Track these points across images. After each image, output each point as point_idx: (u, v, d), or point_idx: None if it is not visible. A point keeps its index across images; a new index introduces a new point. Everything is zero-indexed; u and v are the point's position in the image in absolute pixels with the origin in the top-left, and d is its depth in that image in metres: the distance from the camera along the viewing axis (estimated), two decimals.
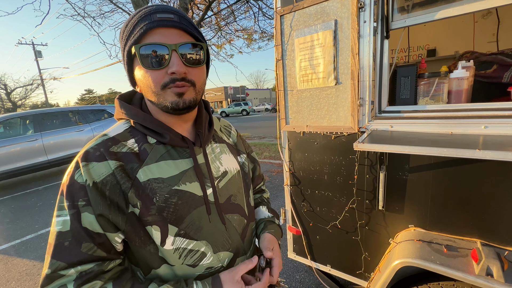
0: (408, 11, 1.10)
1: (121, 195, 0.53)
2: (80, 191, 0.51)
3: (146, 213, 0.54)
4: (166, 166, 0.58)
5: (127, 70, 0.59)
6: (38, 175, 6.25)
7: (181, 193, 0.58)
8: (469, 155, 0.78)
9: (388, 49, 1.11)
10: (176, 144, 0.60)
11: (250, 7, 7.02)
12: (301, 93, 1.38)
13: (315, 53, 1.26)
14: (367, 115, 1.17)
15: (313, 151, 1.41)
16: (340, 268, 1.46)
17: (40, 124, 5.54)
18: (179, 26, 0.54)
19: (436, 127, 1.04)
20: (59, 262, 0.49)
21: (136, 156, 0.56)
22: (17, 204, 4.36)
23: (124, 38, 0.55)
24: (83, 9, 5.96)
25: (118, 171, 0.53)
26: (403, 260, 0.99)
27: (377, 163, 1.19)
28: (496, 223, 0.96)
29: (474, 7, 0.92)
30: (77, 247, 0.50)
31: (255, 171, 0.91)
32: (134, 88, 0.63)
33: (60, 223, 0.50)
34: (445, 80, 1.09)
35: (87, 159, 0.52)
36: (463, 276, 0.86)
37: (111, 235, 0.53)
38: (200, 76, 0.59)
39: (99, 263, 0.52)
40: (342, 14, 1.14)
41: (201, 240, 0.60)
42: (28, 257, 2.77)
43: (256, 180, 0.92)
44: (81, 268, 0.50)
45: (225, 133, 0.79)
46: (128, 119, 0.61)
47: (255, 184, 0.92)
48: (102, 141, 0.55)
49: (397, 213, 1.18)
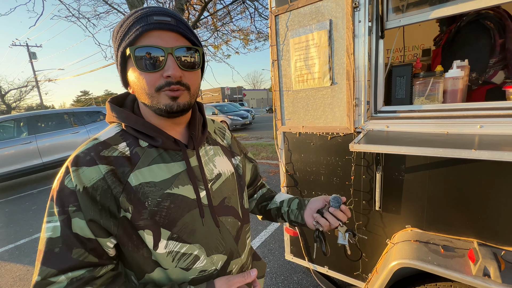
0: (403, 11, 1.09)
1: (112, 199, 0.52)
2: (70, 196, 0.50)
3: (138, 217, 0.53)
4: (158, 170, 0.57)
5: (120, 71, 0.58)
6: (33, 178, 6.17)
7: (174, 196, 0.57)
8: (465, 155, 0.78)
9: (383, 48, 1.11)
10: (168, 147, 0.59)
11: (246, 7, 7.02)
12: (296, 93, 1.37)
13: (310, 53, 1.25)
14: (363, 115, 1.17)
15: (309, 152, 1.40)
16: (338, 270, 1.45)
17: (34, 126, 5.47)
18: (176, 30, 0.53)
19: (432, 127, 1.03)
20: (49, 268, 0.48)
21: (128, 160, 0.55)
22: (11, 208, 4.29)
23: (118, 39, 0.54)
24: (78, 10, 5.91)
25: (109, 176, 0.52)
26: (400, 261, 0.99)
27: (373, 164, 1.18)
28: (493, 222, 0.95)
29: (468, 6, 0.91)
30: (68, 253, 0.49)
31: (256, 170, 0.92)
32: (127, 89, 0.62)
33: (50, 229, 0.49)
34: (440, 79, 1.09)
35: (77, 163, 0.51)
36: (460, 276, 0.86)
37: (102, 240, 0.53)
38: (195, 80, 0.58)
39: (90, 269, 0.51)
40: (336, 14, 1.13)
41: (194, 244, 0.59)
42: (22, 262, 2.72)
43: (258, 177, 0.94)
44: (72, 275, 0.49)
45: (219, 135, 0.79)
46: (119, 123, 0.60)
47: (258, 180, 0.94)
48: (93, 145, 0.54)
49: (394, 213, 1.18)
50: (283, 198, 0.86)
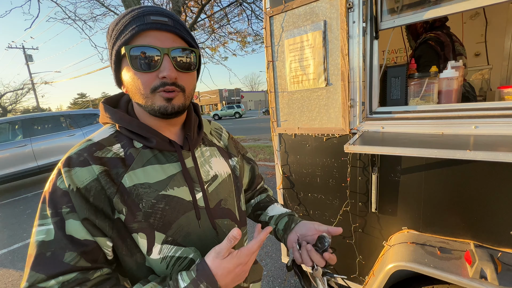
0: (398, 12, 1.09)
1: (106, 201, 0.51)
2: (63, 197, 0.49)
3: (132, 219, 0.52)
4: (152, 171, 0.56)
5: (114, 70, 0.57)
6: (27, 182, 6.10)
7: (169, 198, 0.56)
8: (460, 156, 0.77)
9: (378, 49, 1.11)
10: (163, 148, 0.58)
11: (243, 9, 7.04)
12: (292, 94, 1.36)
13: (305, 54, 1.24)
14: (358, 116, 1.16)
15: (305, 154, 1.39)
16: (335, 272, 1.43)
17: (29, 129, 5.41)
18: (173, 30, 0.53)
19: (427, 128, 1.03)
20: (38, 274, 0.46)
21: (122, 161, 0.54)
22: (5, 212, 4.23)
23: (113, 37, 0.53)
24: (74, 12, 5.88)
25: (103, 176, 0.51)
26: (396, 263, 0.97)
27: (369, 165, 1.17)
28: (489, 224, 0.95)
29: (461, 7, 0.91)
30: (60, 257, 0.47)
31: (254, 171, 0.89)
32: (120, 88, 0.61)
33: (43, 232, 0.48)
34: (435, 80, 1.08)
35: (70, 164, 0.50)
36: (457, 279, 0.85)
37: (101, 239, 0.51)
38: (190, 81, 0.57)
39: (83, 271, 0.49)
40: (331, 15, 1.13)
41: (190, 247, 0.58)
42: (14, 267, 2.67)
43: (257, 179, 0.90)
44: (63, 279, 0.47)
45: (216, 136, 0.78)
46: (113, 124, 0.59)
47: (257, 184, 0.90)
48: (86, 146, 0.53)
49: (390, 215, 1.17)
50: (273, 213, 0.81)
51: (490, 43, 2.12)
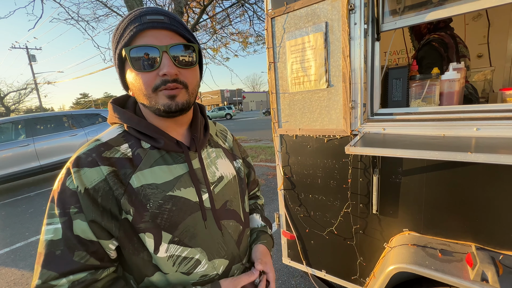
0: (400, 13, 1.09)
1: (114, 201, 0.52)
2: (71, 197, 0.49)
3: (139, 220, 0.52)
4: (160, 172, 0.56)
5: (119, 74, 0.58)
6: (30, 181, 6.14)
7: (176, 199, 0.56)
8: (461, 158, 0.77)
9: (379, 51, 1.11)
10: (170, 149, 0.59)
11: (245, 10, 7.06)
12: (293, 96, 1.36)
13: (307, 56, 1.25)
14: (359, 117, 1.16)
15: (306, 155, 1.39)
16: (335, 274, 1.43)
17: (32, 128, 5.45)
18: (170, 28, 0.53)
19: (428, 130, 1.03)
20: (50, 271, 0.47)
21: (130, 161, 0.55)
22: (7, 211, 4.25)
23: (115, 41, 0.55)
24: (77, 13, 5.92)
25: (111, 177, 0.52)
26: (397, 265, 0.97)
27: (370, 167, 1.17)
28: (491, 226, 0.94)
29: (464, 8, 0.91)
30: (69, 255, 0.48)
31: (250, 177, 0.89)
32: (127, 92, 0.62)
33: (51, 231, 0.49)
34: (437, 82, 1.08)
35: (79, 165, 0.51)
36: (458, 281, 0.84)
37: (104, 242, 0.52)
38: (192, 77, 0.57)
39: (92, 271, 0.50)
40: (332, 16, 1.13)
41: (196, 247, 0.58)
42: (17, 266, 2.69)
43: (251, 185, 0.90)
44: (73, 278, 0.48)
45: (221, 138, 0.78)
46: (121, 124, 0.60)
47: (250, 190, 0.90)
48: (95, 146, 0.54)
49: (391, 217, 1.16)
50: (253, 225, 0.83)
51: (492, 44, 2.11)
